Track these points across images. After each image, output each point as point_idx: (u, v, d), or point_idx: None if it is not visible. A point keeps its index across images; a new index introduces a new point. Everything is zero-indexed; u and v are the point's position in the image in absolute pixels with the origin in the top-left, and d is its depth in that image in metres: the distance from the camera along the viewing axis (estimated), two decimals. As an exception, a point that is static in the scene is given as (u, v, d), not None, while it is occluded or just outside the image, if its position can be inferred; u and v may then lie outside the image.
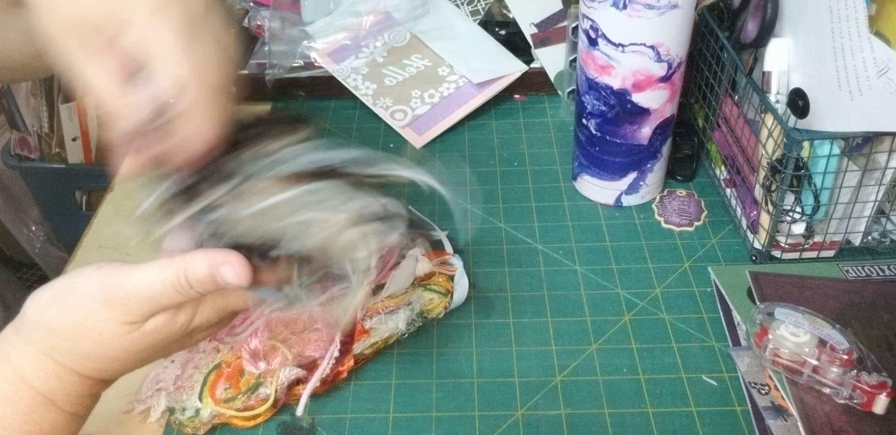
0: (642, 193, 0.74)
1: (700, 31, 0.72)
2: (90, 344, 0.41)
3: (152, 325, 0.41)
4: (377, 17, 0.92)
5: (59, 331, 0.41)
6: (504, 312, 0.65)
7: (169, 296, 0.40)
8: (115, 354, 0.41)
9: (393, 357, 0.61)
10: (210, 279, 0.40)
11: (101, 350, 0.41)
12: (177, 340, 0.43)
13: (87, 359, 0.41)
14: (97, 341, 0.40)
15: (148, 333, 0.41)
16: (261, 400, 0.56)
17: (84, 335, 0.40)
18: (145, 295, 0.40)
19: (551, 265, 0.69)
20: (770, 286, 0.62)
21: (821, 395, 0.54)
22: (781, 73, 0.63)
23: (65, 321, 0.41)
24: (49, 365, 0.41)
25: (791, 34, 0.62)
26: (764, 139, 0.62)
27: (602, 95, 0.67)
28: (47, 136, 1.08)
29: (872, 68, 0.53)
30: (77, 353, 0.41)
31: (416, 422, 0.57)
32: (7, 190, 1.31)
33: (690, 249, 0.70)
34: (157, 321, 0.41)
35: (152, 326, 0.41)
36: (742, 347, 0.59)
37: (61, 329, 0.41)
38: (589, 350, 0.61)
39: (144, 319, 0.41)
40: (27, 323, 0.42)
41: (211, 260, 0.40)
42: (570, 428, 0.56)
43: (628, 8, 0.61)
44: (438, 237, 0.68)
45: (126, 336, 0.41)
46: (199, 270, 0.40)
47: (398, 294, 0.61)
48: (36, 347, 0.41)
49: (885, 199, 0.65)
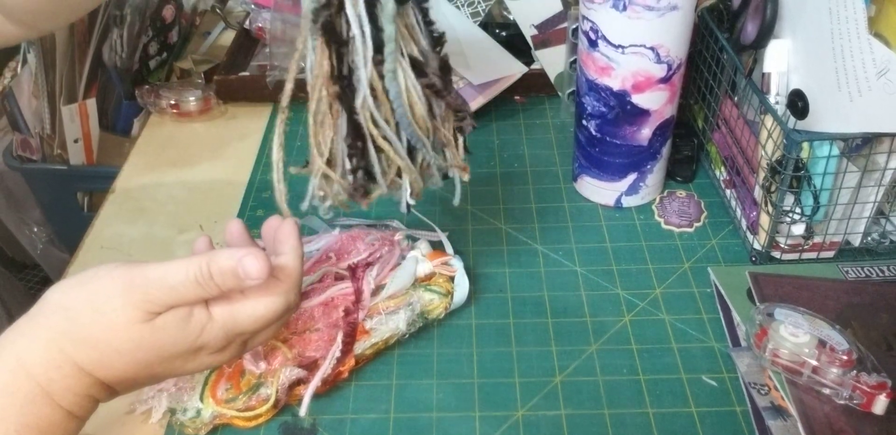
0: (642, 194, 0.74)
1: (700, 33, 0.73)
2: (100, 330, 0.41)
3: (163, 320, 0.41)
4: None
5: (75, 313, 0.41)
6: (504, 312, 0.65)
7: (189, 287, 0.41)
8: (121, 345, 0.41)
9: (394, 357, 0.62)
10: (231, 272, 0.41)
11: (109, 339, 0.41)
12: (182, 352, 0.43)
13: (94, 348, 0.41)
14: (108, 328, 0.41)
15: (158, 328, 0.41)
16: (262, 400, 0.56)
17: (97, 320, 0.41)
18: (168, 283, 0.40)
19: (551, 266, 0.69)
20: (770, 287, 0.62)
21: (820, 395, 0.54)
22: (781, 75, 0.63)
23: (83, 304, 0.41)
24: (53, 354, 0.41)
25: (790, 35, 0.62)
26: (763, 140, 0.62)
27: (602, 97, 0.67)
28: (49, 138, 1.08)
29: (872, 69, 0.53)
30: (85, 339, 0.41)
31: (416, 422, 0.57)
32: (9, 191, 1.31)
33: (690, 250, 0.70)
34: (169, 317, 0.41)
35: (163, 322, 0.41)
36: (742, 347, 0.59)
37: (77, 312, 0.41)
38: (589, 351, 0.61)
39: (161, 309, 0.41)
40: (46, 304, 0.42)
41: (234, 252, 0.41)
42: (571, 428, 0.56)
43: (628, 9, 0.61)
44: (439, 238, 0.68)
45: (137, 326, 0.41)
46: (222, 262, 0.41)
47: (399, 295, 0.62)
48: (46, 332, 0.41)
49: (884, 200, 0.65)
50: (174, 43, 1.07)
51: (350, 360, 0.58)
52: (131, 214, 0.78)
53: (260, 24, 0.95)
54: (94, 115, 1.06)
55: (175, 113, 0.92)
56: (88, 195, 1.20)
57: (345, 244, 0.65)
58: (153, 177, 0.84)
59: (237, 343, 0.45)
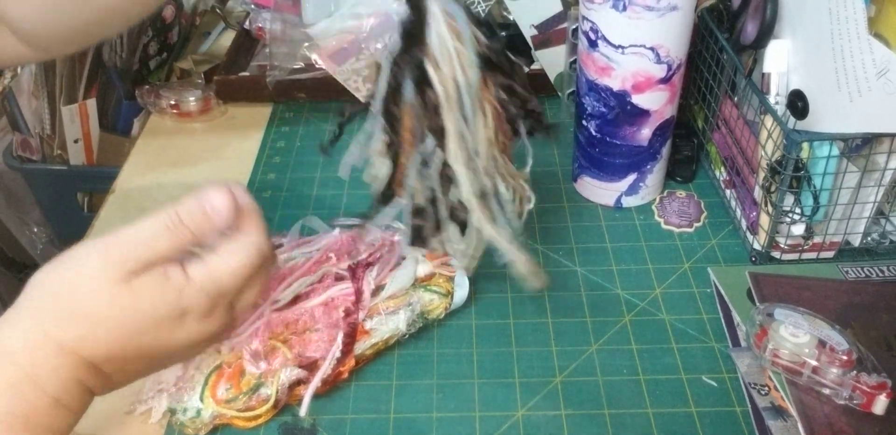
0: (642, 195, 0.74)
1: (700, 33, 0.73)
2: (80, 298, 0.40)
3: (140, 282, 0.41)
4: (378, 19, 0.92)
5: (55, 287, 0.41)
6: (504, 312, 0.65)
7: (162, 237, 0.41)
8: (101, 310, 0.40)
9: (394, 358, 0.62)
10: (199, 209, 0.41)
11: (89, 307, 0.40)
12: (164, 317, 0.41)
13: (74, 322, 0.40)
14: (87, 294, 0.40)
15: (136, 290, 0.40)
16: (262, 400, 0.56)
17: (77, 287, 0.40)
18: (141, 237, 0.41)
19: (551, 266, 0.69)
20: (770, 287, 0.62)
21: (820, 395, 0.54)
22: (781, 75, 0.63)
23: (62, 276, 0.41)
24: (36, 337, 0.40)
25: (790, 36, 0.62)
26: (763, 140, 0.62)
27: (602, 97, 0.67)
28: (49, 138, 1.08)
29: (872, 70, 0.53)
30: (67, 313, 0.40)
31: (416, 422, 0.57)
32: (9, 191, 1.31)
33: (690, 250, 0.70)
34: (146, 279, 0.41)
35: (139, 284, 0.41)
36: (742, 347, 0.59)
37: (56, 284, 0.41)
38: (589, 351, 0.61)
39: (138, 266, 0.41)
40: (30, 287, 0.42)
41: (200, 194, 0.42)
42: (571, 428, 0.56)
43: (628, 10, 0.61)
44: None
45: (115, 288, 0.40)
46: (188, 203, 0.42)
47: (399, 295, 0.62)
48: (28, 316, 0.41)
49: (884, 200, 0.65)
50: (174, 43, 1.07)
51: (350, 360, 0.58)
52: (131, 215, 0.78)
53: (260, 24, 0.95)
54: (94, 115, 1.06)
55: (175, 113, 0.92)
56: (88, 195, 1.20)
57: (345, 244, 0.65)
58: (153, 177, 0.84)
59: (223, 306, 0.44)
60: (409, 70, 0.47)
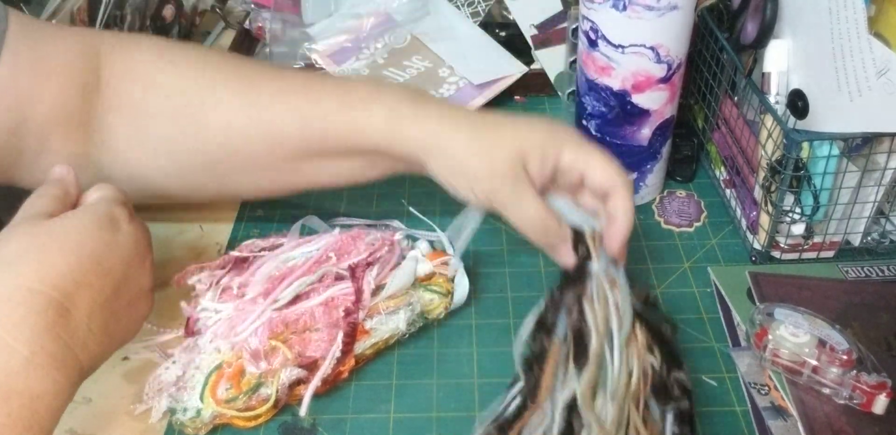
0: (642, 194, 0.74)
1: (700, 33, 0.73)
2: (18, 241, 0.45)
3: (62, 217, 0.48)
4: (378, 19, 0.92)
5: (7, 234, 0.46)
6: (504, 312, 0.65)
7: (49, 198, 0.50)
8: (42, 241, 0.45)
9: (394, 357, 0.62)
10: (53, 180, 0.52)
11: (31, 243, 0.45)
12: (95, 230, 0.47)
13: (25, 258, 0.44)
14: (22, 235, 0.46)
15: (58, 221, 0.47)
16: (262, 400, 0.56)
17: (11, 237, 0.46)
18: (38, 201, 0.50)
19: (552, 266, 0.69)
20: (770, 287, 0.62)
21: (820, 395, 0.54)
22: (781, 75, 0.63)
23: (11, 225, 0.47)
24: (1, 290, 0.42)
25: (790, 35, 0.62)
26: (763, 140, 0.62)
27: (602, 96, 0.67)
28: (49, 138, 1.08)
29: (872, 69, 0.53)
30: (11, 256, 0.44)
31: (416, 422, 0.57)
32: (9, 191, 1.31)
33: (690, 250, 0.70)
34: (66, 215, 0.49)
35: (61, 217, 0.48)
36: (742, 347, 0.59)
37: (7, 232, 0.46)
38: (589, 351, 0.61)
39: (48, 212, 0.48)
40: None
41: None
42: (571, 428, 0.56)
43: (628, 9, 0.61)
44: (439, 238, 0.68)
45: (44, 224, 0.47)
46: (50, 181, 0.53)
47: (399, 295, 0.62)
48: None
49: (884, 200, 0.65)
50: (174, 43, 1.07)
51: (350, 360, 0.58)
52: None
53: (260, 24, 0.95)
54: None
55: (175, 113, 0.91)
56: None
57: (345, 244, 0.65)
58: (153, 177, 0.83)
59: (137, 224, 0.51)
60: (564, 305, 0.49)
